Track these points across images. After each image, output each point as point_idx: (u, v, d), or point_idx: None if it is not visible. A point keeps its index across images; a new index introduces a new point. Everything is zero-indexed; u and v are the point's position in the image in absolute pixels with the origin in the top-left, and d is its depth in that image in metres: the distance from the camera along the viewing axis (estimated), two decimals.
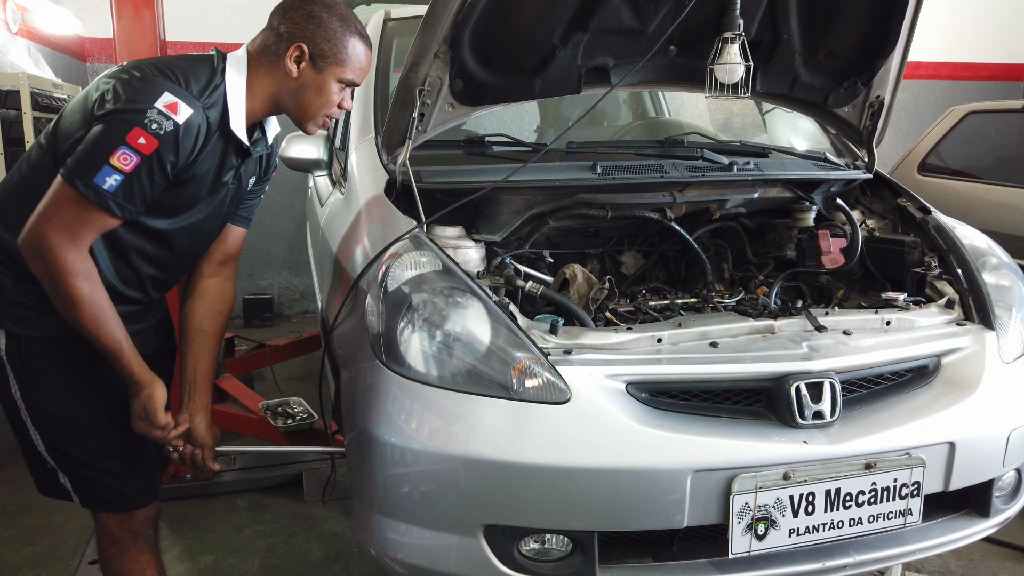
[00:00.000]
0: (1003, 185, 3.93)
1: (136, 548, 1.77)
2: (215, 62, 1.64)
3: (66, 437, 1.66)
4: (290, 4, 1.67)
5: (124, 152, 1.45)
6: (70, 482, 1.70)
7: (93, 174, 1.45)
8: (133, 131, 1.45)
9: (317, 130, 1.76)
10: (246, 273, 5.74)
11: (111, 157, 1.45)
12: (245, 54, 1.68)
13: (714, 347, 1.76)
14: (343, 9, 1.69)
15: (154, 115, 1.47)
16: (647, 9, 2.02)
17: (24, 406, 1.63)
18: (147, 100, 1.47)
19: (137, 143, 1.46)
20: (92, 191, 1.46)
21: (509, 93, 2.09)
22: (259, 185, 1.88)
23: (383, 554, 1.69)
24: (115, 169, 1.45)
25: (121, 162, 1.45)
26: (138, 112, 1.46)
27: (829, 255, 2.24)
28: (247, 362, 3.88)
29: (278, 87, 1.67)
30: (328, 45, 1.64)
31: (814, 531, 1.67)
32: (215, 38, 5.44)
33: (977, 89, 6.63)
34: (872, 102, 2.35)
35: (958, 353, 1.91)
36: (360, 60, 1.68)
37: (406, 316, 1.66)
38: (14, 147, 3.34)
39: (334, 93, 1.68)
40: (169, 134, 1.48)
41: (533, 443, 1.57)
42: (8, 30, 3.98)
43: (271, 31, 1.66)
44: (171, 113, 1.48)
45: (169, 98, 1.49)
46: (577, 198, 2.14)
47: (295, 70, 1.64)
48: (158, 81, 1.51)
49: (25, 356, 1.60)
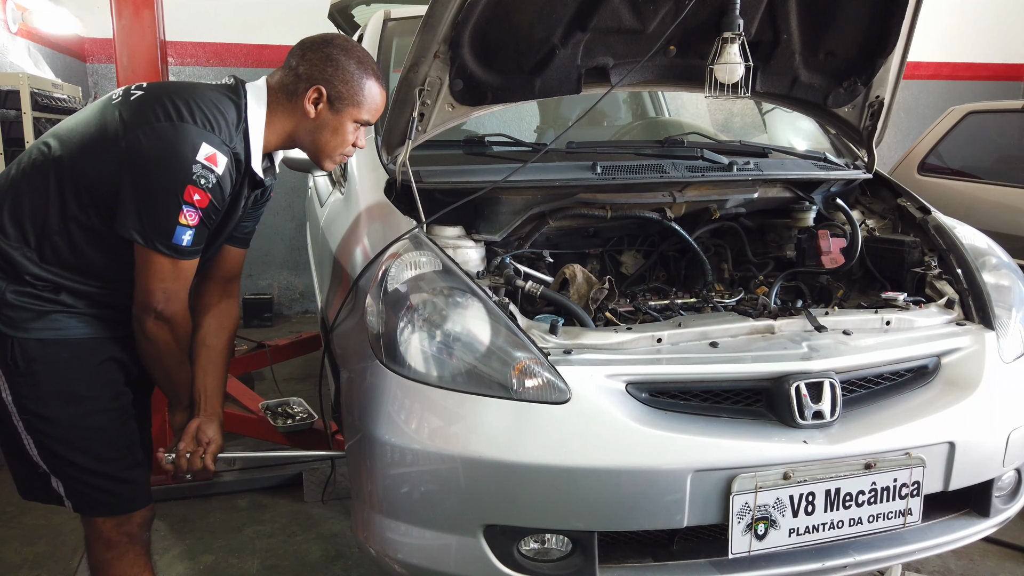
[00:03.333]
0: (1003, 185, 3.93)
1: (133, 552, 1.76)
2: (238, 96, 1.66)
3: (62, 440, 1.64)
4: (308, 45, 1.71)
5: (188, 211, 1.55)
6: (63, 487, 1.68)
7: (170, 236, 1.56)
8: (187, 190, 1.53)
9: (333, 167, 1.85)
10: (246, 273, 5.67)
11: (179, 217, 1.55)
12: (265, 87, 1.71)
13: (714, 347, 1.76)
14: (360, 51, 1.74)
15: (199, 169, 1.54)
16: (647, 9, 2.01)
17: (16, 410, 1.62)
18: (189, 154, 1.53)
19: (194, 200, 1.55)
20: (176, 251, 1.58)
21: (509, 93, 2.09)
22: (257, 209, 1.90)
23: (383, 554, 1.69)
24: (185, 227, 1.56)
25: (188, 219, 1.56)
26: (185, 168, 1.53)
27: (829, 255, 2.24)
28: (247, 362, 3.87)
29: (295, 125, 1.72)
30: (346, 87, 1.69)
31: (814, 531, 1.67)
32: (215, 38, 5.49)
33: (977, 89, 6.63)
34: (872, 102, 2.35)
35: (958, 353, 1.91)
36: (376, 101, 1.75)
37: (406, 316, 1.66)
38: (14, 147, 3.35)
39: (350, 133, 1.75)
40: (216, 186, 1.57)
41: (533, 443, 1.57)
42: (8, 30, 3.98)
43: (289, 70, 1.70)
44: (212, 166, 1.55)
45: (208, 149, 1.55)
46: (577, 198, 2.14)
47: (313, 111, 1.70)
48: (190, 129, 1.54)
49: (19, 359, 1.59)
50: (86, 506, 1.72)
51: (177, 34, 4.82)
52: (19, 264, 1.57)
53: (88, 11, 5.08)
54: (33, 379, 1.60)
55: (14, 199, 1.59)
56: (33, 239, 1.58)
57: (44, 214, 1.57)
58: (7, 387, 1.61)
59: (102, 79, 5.42)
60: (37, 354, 1.60)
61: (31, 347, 1.59)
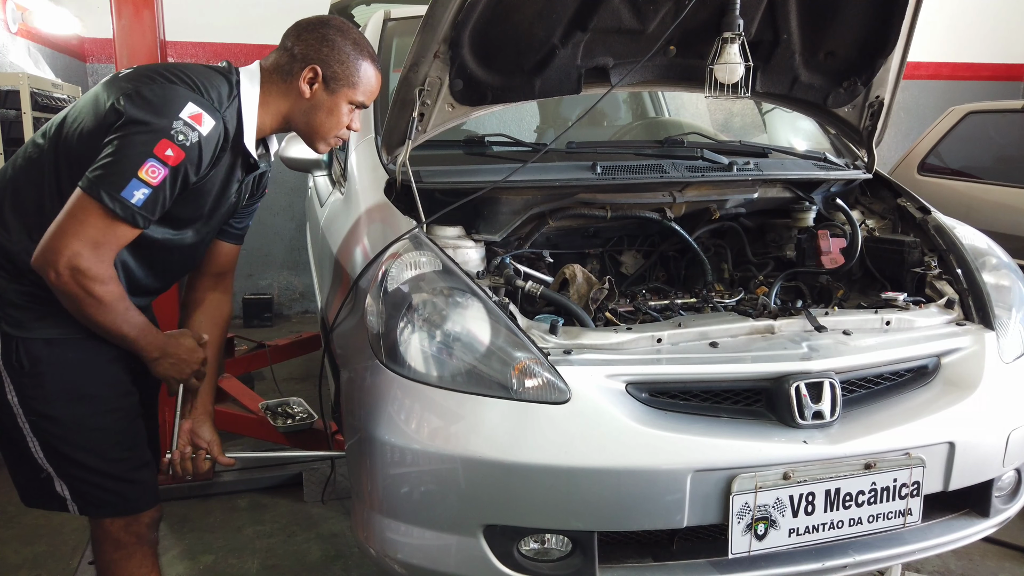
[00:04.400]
0: (1003, 185, 3.93)
1: (141, 552, 1.75)
2: (230, 75, 1.65)
3: (69, 441, 1.63)
4: (304, 26, 1.70)
5: (153, 164, 1.44)
6: (68, 489, 1.66)
7: (121, 187, 1.43)
8: (161, 143, 1.44)
9: (327, 149, 1.81)
10: (246, 273, 5.74)
11: (140, 170, 1.43)
12: (259, 69, 1.70)
13: (714, 347, 1.76)
14: (355, 33, 1.73)
15: (180, 126, 1.46)
16: (647, 9, 2.02)
17: (22, 412, 1.60)
18: (172, 110, 1.47)
19: (165, 155, 1.45)
20: (120, 205, 1.44)
21: (509, 93, 2.09)
22: (253, 203, 1.89)
23: (383, 554, 1.69)
24: (143, 183, 1.44)
25: (150, 175, 1.44)
26: (164, 121, 1.45)
27: (829, 255, 2.24)
28: (247, 362, 3.87)
29: (290, 106, 1.70)
30: (341, 68, 1.68)
31: (814, 531, 1.67)
32: (215, 39, 5.49)
33: (977, 89, 6.63)
34: (872, 102, 2.35)
35: (958, 353, 1.91)
36: (371, 83, 1.74)
37: (406, 316, 1.66)
38: (14, 147, 3.35)
39: (344, 114, 1.73)
40: (194, 145, 1.49)
41: (533, 443, 1.57)
42: (8, 30, 3.98)
43: (284, 51, 1.69)
44: (196, 124, 1.48)
45: (193, 108, 1.49)
46: (577, 198, 2.14)
47: (308, 91, 1.68)
48: (179, 90, 1.50)
49: (24, 360, 1.57)
50: (93, 507, 1.70)
51: (177, 34, 4.83)
52: (21, 262, 1.55)
53: (88, 11, 5.08)
54: (39, 380, 1.59)
55: (14, 197, 1.58)
56: (35, 237, 1.57)
57: (44, 209, 1.55)
58: (12, 389, 1.59)
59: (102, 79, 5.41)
60: (43, 355, 1.58)
61: (37, 348, 1.58)
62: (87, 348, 1.62)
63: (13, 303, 1.57)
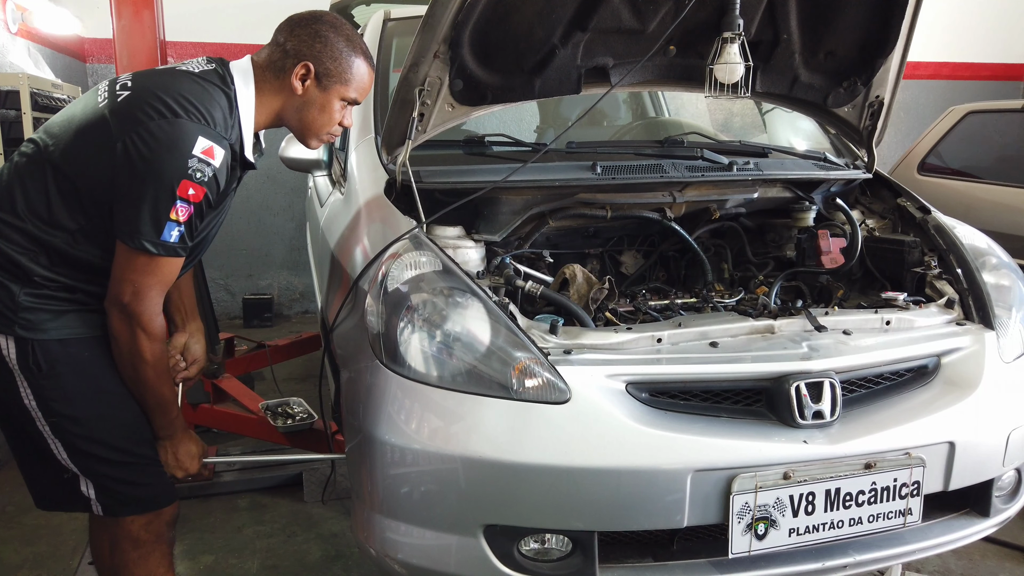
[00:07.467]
0: (1003, 185, 3.93)
1: (159, 551, 1.76)
2: (226, 85, 1.64)
3: (91, 438, 1.63)
4: (296, 22, 1.69)
5: (180, 206, 1.52)
6: (94, 487, 1.66)
7: (160, 233, 1.52)
8: (182, 184, 1.51)
9: (319, 145, 1.81)
10: (246, 273, 5.74)
11: (170, 213, 1.52)
12: (251, 66, 1.69)
13: (714, 347, 1.76)
14: (348, 29, 1.72)
15: (195, 163, 1.52)
16: (647, 9, 2.02)
17: (42, 414, 1.59)
18: (185, 149, 1.51)
19: (188, 194, 1.52)
20: (163, 248, 1.54)
21: (509, 93, 2.09)
22: None
23: (383, 554, 1.69)
24: (175, 223, 1.53)
25: (180, 215, 1.53)
26: (180, 163, 1.51)
27: (829, 255, 2.24)
28: (247, 362, 3.87)
29: (283, 103, 1.71)
30: (334, 64, 1.68)
31: (814, 531, 1.67)
32: (215, 38, 5.49)
33: (977, 89, 6.63)
34: (872, 102, 2.35)
35: (958, 353, 1.91)
36: (363, 79, 1.74)
37: (406, 316, 1.66)
38: (14, 147, 3.34)
39: (337, 111, 1.73)
40: (212, 179, 1.55)
41: (533, 443, 1.57)
42: (8, 30, 3.98)
43: (277, 47, 1.69)
44: (209, 159, 1.53)
45: (204, 143, 1.53)
46: (577, 198, 2.14)
47: (300, 87, 1.68)
48: (187, 125, 1.52)
49: (42, 361, 1.57)
50: (118, 505, 1.70)
51: (177, 34, 4.82)
52: (27, 267, 1.56)
53: (88, 11, 5.08)
54: (58, 380, 1.59)
55: (11, 201, 1.57)
56: (37, 241, 1.57)
57: (45, 215, 1.56)
58: (30, 392, 1.58)
59: (102, 79, 5.39)
60: (59, 355, 1.58)
61: (52, 348, 1.58)
62: (99, 345, 1.63)
63: (25, 307, 1.56)
